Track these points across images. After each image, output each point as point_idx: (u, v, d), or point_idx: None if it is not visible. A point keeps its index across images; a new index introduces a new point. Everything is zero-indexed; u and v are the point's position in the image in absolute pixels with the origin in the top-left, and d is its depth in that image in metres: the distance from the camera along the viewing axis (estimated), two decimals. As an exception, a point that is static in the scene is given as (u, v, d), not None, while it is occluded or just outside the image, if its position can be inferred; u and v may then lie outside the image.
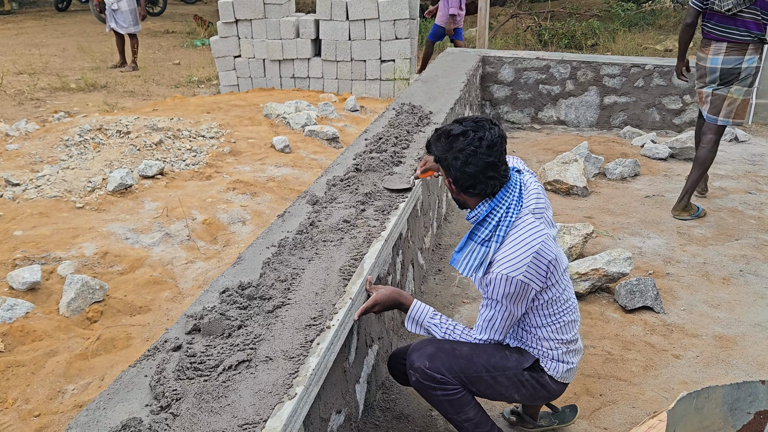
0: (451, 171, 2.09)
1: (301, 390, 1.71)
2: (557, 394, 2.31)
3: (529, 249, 2.02)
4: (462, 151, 2.03)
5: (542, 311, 2.15)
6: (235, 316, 2.04)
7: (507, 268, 2.02)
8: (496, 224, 2.08)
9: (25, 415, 2.52)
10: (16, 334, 2.95)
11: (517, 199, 2.11)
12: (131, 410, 1.65)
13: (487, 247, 2.09)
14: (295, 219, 2.81)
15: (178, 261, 3.75)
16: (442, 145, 2.10)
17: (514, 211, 2.08)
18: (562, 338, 2.20)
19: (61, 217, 4.10)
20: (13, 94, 9.22)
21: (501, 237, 2.06)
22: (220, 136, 5.99)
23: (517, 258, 2.02)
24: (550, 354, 2.21)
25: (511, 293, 2.04)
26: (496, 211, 2.09)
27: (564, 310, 2.18)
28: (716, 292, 3.62)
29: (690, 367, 2.98)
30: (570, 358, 2.25)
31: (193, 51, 13.38)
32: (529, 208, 2.12)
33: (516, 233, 2.05)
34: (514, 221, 2.07)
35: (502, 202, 2.09)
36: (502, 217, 2.08)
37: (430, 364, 2.16)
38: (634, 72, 6.92)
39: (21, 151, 5.40)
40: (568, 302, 2.20)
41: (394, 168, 3.41)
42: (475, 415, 2.23)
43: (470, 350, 2.18)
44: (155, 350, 1.90)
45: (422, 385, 2.18)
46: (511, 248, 2.03)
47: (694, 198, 4.82)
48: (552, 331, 2.18)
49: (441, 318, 2.24)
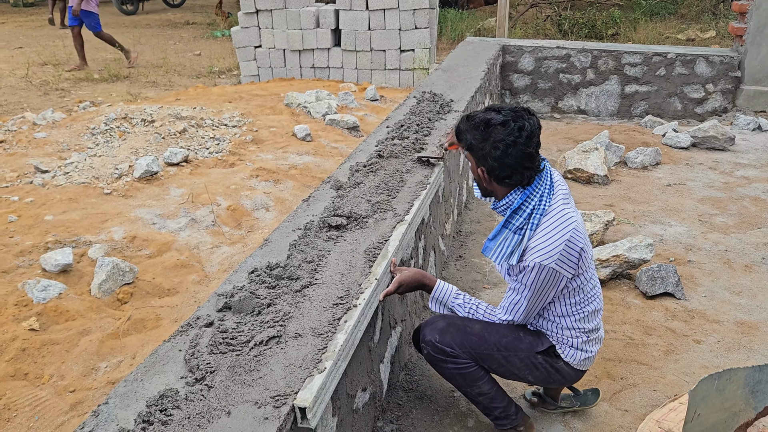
0: (487, 160, 2.08)
1: (330, 364, 1.76)
2: (573, 380, 2.34)
3: (562, 237, 2.04)
4: (502, 141, 2.02)
5: (568, 299, 2.18)
6: (265, 295, 2.10)
7: (540, 256, 2.04)
8: (530, 212, 2.09)
9: (60, 391, 2.61)
10: (51, 313, 3.04)
11: (549, 188, 2.12)
12: (167, 382, 1.71)
13: (520, 235, 2.10)
14: (320, 203, 2.86)
15: (204, 245, 3.82)
16: (480, 134, 2.07)
17: (546, 199, 2.10)
18: (584, 327, 2.23)
19: (89, 203, 4.20)
20: (39, 84, 9.38)
21: (534, 225, 2.08)
22: (242, 125, 6.06)
23: (551, 246, 2.03)
24: (569, 342, 2.24)
25: (542, 280, 2.07)
26: (530, 200, 2.10)
27: (589, 299, 2.21)
28: (738, 279, 3.62)
29: (711, 352, 2.99)
30: (589, 347, 2.28)
31: (213, 42, 13.48)
32: (560, 195, 2.14)
33: (548, 221, 2.07)
34: (547, 209, 2.09)
35: (536, 191, 2.10)
36: (536, 206, 2.09)
37: (441, 338, 2.21)
38: (656, 61, 6.87)
39: (49, 139, 5.51)
40: (593, 290, 2.23)
41: (416, 154, 3.44)
42: (489, 389, 2.28)
43: (482, 328, 2.22)
44: (188, 326, 1.97)
45: (434, 358, 2.24)
46: (545, 236, 2.05)
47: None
48: (575, 320, 2.21)
49: (464, 297, 2.29)
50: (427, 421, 2.55)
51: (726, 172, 5.32)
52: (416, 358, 2.95)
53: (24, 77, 9.72)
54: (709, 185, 5.03)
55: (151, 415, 1.57)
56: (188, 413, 1.58)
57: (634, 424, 2.53)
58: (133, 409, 1.60)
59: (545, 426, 2.53)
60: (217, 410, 1.59)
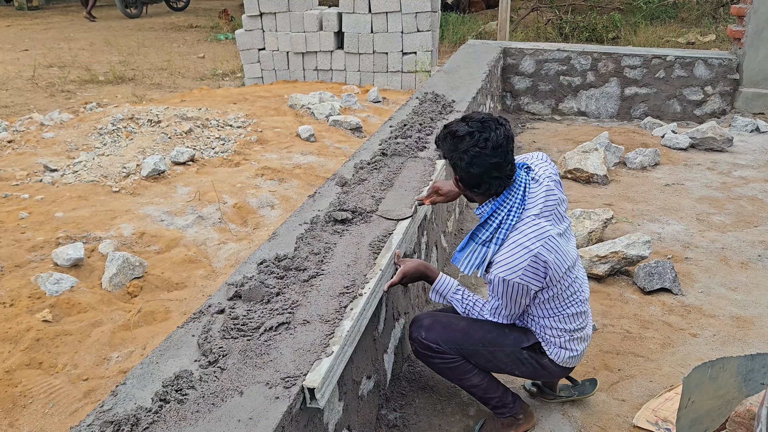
0: (456, 170, 2.14)
1: (337, 348, 1.84)
2: (559, 376, 2.41)
3: (527, 252, 2.06)
4: (467, 152, 2.06)
5: (544, 305, 2.23)
6: (273, 284, 2.18)
7: (504, 271, 2.08)
8: (497, 226, 2.13)
9: (74, 379, 2.69)
10: (63, 306, 3.13)
11: (519, 201, 2.13)
12: (182, 364, 1.79)
13: (487, 247, 2.15)
14: (325, 199, 2.94)
15: (211, 242, 3.91)
16: (448, 144, 2.13)
17: (515, 213, 2.11)
18: (565, 327, 2.27)
19: (98, 200, 4.29)
20: (45, 86, 9.48)
21: (500, 240, 2.12)
22: (246, 126, 6.15)
23: (515, 261, 2.07)
24: (553, 341, 2.29)
25: (510, 293, 2.13)
26: (498, 213, 2.13)
27: (568, 304, 2.24)
28: (734, 276, 3.69)
29: (707, 345, 3.07)
30: (574, 346, 2.32)
31: (216, 45, 13.58)
32: (533, 210, 2.14)
33: (516, 236, 2.09)
34: (515, 224, 2.11)
35: (504, 204, 2.13)
36: (503, 220, 2.12)
37: (427, 335, 2.30)
38: (656, 63, 6.96)
39: (57, 139, 5.60)
40: (573, 296, 2.25)
41: (418, 153, 3.53)
42: (480, 381, 2.35)
43: (467, 325, 2.30)
44: (200, 314, 2.05)
45: (421, 354, 2.34)
46: (510, 251, 2.08)
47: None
48: (556, 321, 2.26)
49: (464, 293, 2.36)
50: (429, 409, 2.62)
51: (724, 172, 5.40)
52: (419, 350, 3.02)
53: (30, 79, 9.83)
54: (707, 185, 5.10)
55: (168, 394, 1.65)
56: (202, 393, 1.66)
57: (631, 413, 2.61)
58: (150, 389, 1.68)
59: (544, 415, 2.60)
60: (230, 390, 1.67)
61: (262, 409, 1.59)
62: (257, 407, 1.60)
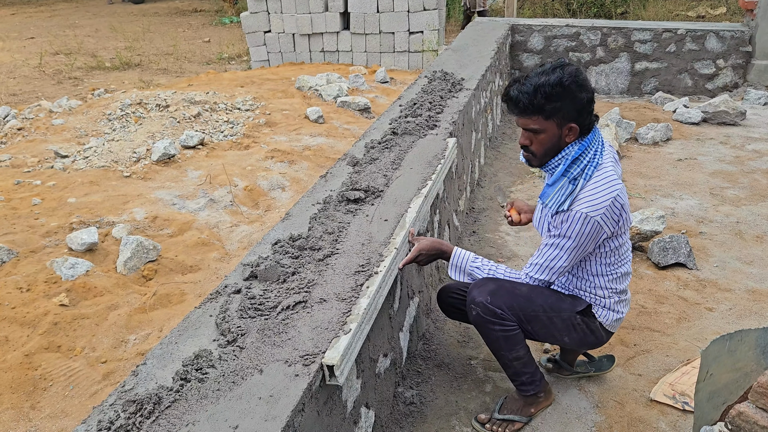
0: (570, 106, 2.09)
1: (354, 326, 1.84)
2: (603, 341, 2.40)
3: (610, 193, 2.10)
4: (574, 79, 2.06)
5: (604, 259, 2.25)
6: (289, 264, 2.18)
7: (588, 207, 2.10)
8: (586, 164, 2.15)
9: (92, 362, 2.72)
10: (79, 290, 3.15)
11: (601, 144, 2.19)
12: (201, 344, 1.79)
13: (574, 185, 2.14)
14: (337, 179, 2.93)
15: (223, 224, 3.92)
16: (550, 87, 2.07)
17: (599, 155, 2.16)
18: (615, 288, 2.30)
19: (110, 185, 4.30)
20: (52, 73, 9.48)
21: (588, 176, 2.13)
22: (255, 109, 6.13)
23: (599, 199, 2.10)
24: (602, 302, 2.31)
25: (585, 232, 2.13)
26: (588, 152, 2.15)
27: (622, 261, 2.28)
28: (749, 250, 3.67)
29: (723, 319, 3.05)
30: (620, 308, 2.35)
31: (222, 29, 13.52)
32: (610, 156, 2.21)
33: (599, 176, 2.13)
34: (600, 164, 2.16)
35: (593, 143, 2.17)
36: (591, 159, 2.15)
37: (492, 300, 2.24)
38: (666, 37, 6.86)
39: (66, 125, 5.61)
40: (627, 254, 2.30)
41: (429, 131, 3.50)
42: (524, 354, 2.33)
43: (529, 290, 2.28)
44: (217, 294, 2.05)
45: (482, 320, 2.26)
46: (594, 189, 2.11)
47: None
48: (608, 281, 2.28)
49: (482, 261, 2.34)
50: (446, 387, 2.63)
51: (737, 146, 5.34)
52: (434, 329, 3.03)
53: (37, 67, 9.83)
54: (720, 159, 5.05)
55: (188, 373, 1.65)
56: (222, 371, 1.66)
57: (648, 387, 2.60)
58: (170, 368, 1.69)
59: (561, 390, 2.60)
60: (249, 369, 1.67)
61: (282, 387, 1.60)
62: (277, 385, 1.61)
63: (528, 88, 2.10)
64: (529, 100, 2.10)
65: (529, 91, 2.09)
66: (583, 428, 2.40)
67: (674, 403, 2.50)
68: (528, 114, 2.13)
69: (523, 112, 2.14)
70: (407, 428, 2.42)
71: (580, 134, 2.15)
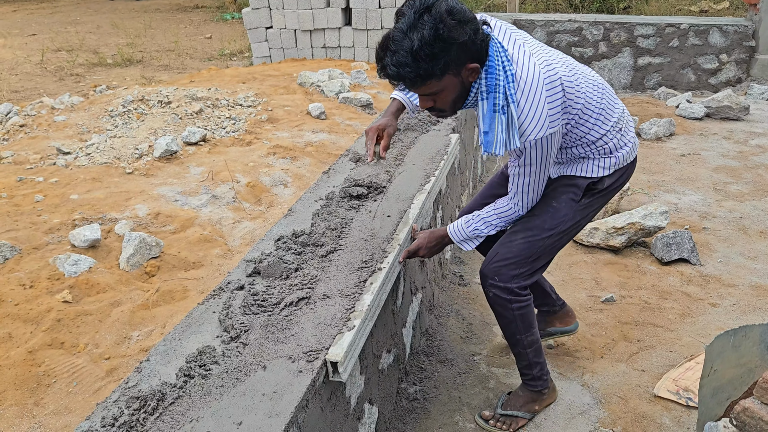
0: (459, 51, 1.78)
1: (358, 323, 1.84)
2: (624, 183, 2.24)
3: (539, 98, 1.87)
4: (450, 19, 1.73)
5: (583, 146, 2.09)
6: (292, 260, 2.18)
7: (534, 130, 1.89)
8: (504, 84, 1.88)
9: (96, 358, 2.72)
10: (82, 286, 3.15)
11: (502, 50, 1.90)
12: (204, 341, 1.79)
13: (506, 113, 1.89)
14: (340, 175, 2.93)
15: (225, 221, 3.92)
16: (429, 46, 1.73)
17: (508, 62, 1.88)
18: (608, 125, 2.08)
19: (112, 182, 4.30)
20: (54, 70, 9.47)
21: (513, 95, 1.88)
22: (257, 105, 6.12)
23: (538, 113, 1.87)
24: (605, 149, 2.11)
25: (544, 149, 1.95)
26: (498, 71, 1.87)
27: (598, 101, 2.05)
28: (753, 245, 3.66)
29: (726, 314, 3.05)
30: (624, 137, 2.14)
31: (223, 24, 13.50)
32: (515, 46, 1.94)
33: (523, 86, 1.87)
34: (514, 73, 1.88)
35: (496, 58, 1.88)
36: (505, 75, 1.88)
37: (504, 274, 2.18)
38: (669, 32, 6.84)
39: (68, 122, 5.61)
40: (605, 117, 2.07)
41: (432, 127, 3.50)
42: (537, 339, 2.30)
43: (524, 235, 2.17)
44: (220, 290, 2.05)
45: (500, 300, 2.21)
46: (527, 105, 1.88)
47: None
48: (597, 131, 2.07)
49: (472, 218, 2.25)
50: (449, 382, 2.63)
51: (740, 141, 5.33)
52: (437, 325, 3.03)
53: (39, 64, 9.83)
54: (724, 154, 5.04)
55: (192, 369, 1.65)
56: (226, 368, 1.66)
57: (652, 383, 2.60)
58: (174, 365, 1.69)
59: (564, 386, 2.60)
60: (253, 365, 1.67)
61: (285, 383, 1.60)
62: (281, 381, 1.60)
63: (404, 57, 1.75)
64: (414, 72, 1.77)
65: (408, 62, 1.75)
66: (586, 424, 2.40)
67: (678, 399, 2.49)
68: (418, 85, 1.83)
69: (412, 85, 1.84)
70: (410, 424, 2.42)
71: (481, 57, 1.86)
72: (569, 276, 3.40)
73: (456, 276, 3.45)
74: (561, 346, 2.85)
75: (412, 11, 1.75)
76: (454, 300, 3.23)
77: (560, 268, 3.48)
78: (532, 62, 1.90)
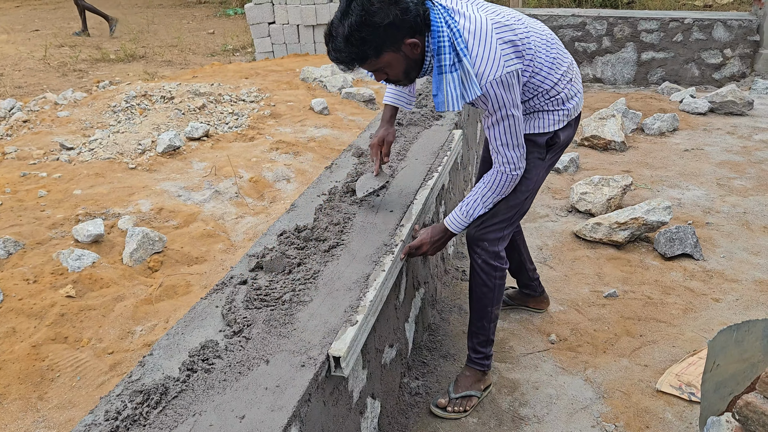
0: (390, 32, 1.84)
1: (361, 318, 1.84)
2: (577, 127, 2.38)
3: (489, 35, 1.90)
4: (371, 5, 1.80)
5: (534, 78, 2.11)
6: (294, 255, 2.18)
7: (492, 71, 1.90)
8: (450, 43, 1.90)
9: (99, 353, 2.73)
10: (86, 281, 3.16)
11: (446, 11, 1.93)
12: (207, 335, 1.80)
13: (458, 69, 1.91)
14: (342, 170, 2.92)
15: (228, 216, 3.92)
16: (357, 32, 1.81)
17: (451, 21, 1.91)
18: (559, 74, 2.15)
19: (116, 177, 4.31)
20: (57, 66, 9.48)
21: (464, 48, 1.89)
22: (260, 100, 6.12)
23: (493, 54, 1.89)
24: (558, 99, 2.18)
25: (508, 90, 1.96)
26: (442, 34, 1.90)
27: (547, 50, 2.11)
28: (757, 240, 3.65)
29: (729, 309, 3.04)
30: (573, 87, 2.22)
31: (226, 20, 13.49)
32: (456, 5, 1.98)
33: (473, 35, 1.90)
34: (460, 27, 1.90)
35: (438, 23, 1.90)
36: (451, 34, 1.90)
37: (491, 243, 2.32)
38: (673, 27, 6.81)
39: (72, 117, 5.62)
40: (548, 45, 2.13)
41: (434, 122, 3.49)
42: (498, 315, 2.47)
43: (505, 201, 2.27)
44: (223, 285, 2.06)
45: (487, 267, 2.34)
46: (480, 51, 1.89)
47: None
48: (550, 80, 2.13)
49: (464, 204, 2.28)
50: (451, 377, 2.63)
51: (744, 136, 5.31)
52: (439, 320, 3.03)
53: (42, 59, 9.83)
54: (727, 149, 5.02)
55: (195, 364, 1.66)
56: (229, 362, 1.67)
57: (654, 378, 2.60)
58: (177, 359, 1.69)
59: (567, 381, 2.60)
60: (256, 359, 1.67)
61: (288, 377, 1.60)
62: (283, 375, 1.61)
63: (340, 43, 1.84)
64: (348, 56, 1.86)
65: (342, 47, 1.84)
66: (588, 418, 2.40)
67: (681, 394, 2.49)
68: (357, 65, 1.91)
69: (352, 65, 1.91)
70: (413, 418, 2.43)
71: (421, 27, 1.88)
72: (572, 271, 3.40)
73: (459, 271, 3.45)
74: (563, 341, 2.85)
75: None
76: (457, 295, 3.23)
77: (563, 263, 3.48)
78: (479, 12, 1.96)
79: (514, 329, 2.94)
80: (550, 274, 3.36)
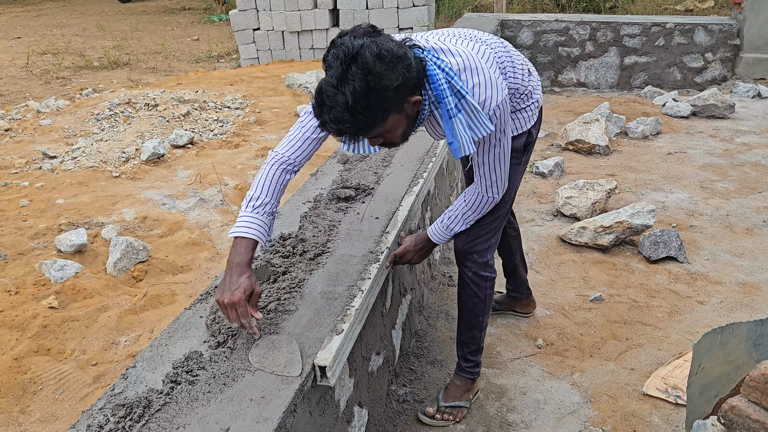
0: (396, 94, 1.67)
1: (346, 326, 1.83)
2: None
3: (478, 64, 1.87)
4: (378, 68, 1.61)
5: (508, 80, 2.11)
6: (279, 264, 2.17)
7: (493, 98, 1.87)
8: (449, 86, 1.81)
9: (83, 364, 2.70)
10: (69, 292, 3.12)
11: (435, 57, 1.83)
12: (191, 346, 1.78)
13: (461, 110, 1.83)
14: (328, 177, 2.92)
15: (213, 224, 3.90)
16: (364, 99, 1.61)
17: (443, 64, 1.82)
18: (521, 70, 2.16)
19: (99, 186, 4.27)
20: (39, 73, 9.39)
21: (462, 85, 1.82)
22: (244, 107, 6.10)
23: (490, 84, 1.87)
24: (526, 93, 2.21)
25: (504, 110, 1.93)
26: (438, 80, 1.79)
27: (506, 52, 2.12)
28: (740, 242, 3.68)
29: (714, 312, 3.06)
30: (533, 79, 2.25)
31: (210, 26, 13.44)
32: (444, 44, 1.91)
33: (466, 71, 1.85)
34: (452, 69, 1.82)
35: (435, 74, 1.79)
36: (447, 77, 1.81)
37: (478, 254, 2.31)
38: (655, 31, 6.88)
39: (54, 126, 5.56)
40: (504, 48, 2.14)
41: (419, 128, 3.49)
42: (488, 320, 2.47)
43: (489, 216, 2.27)
44: (207, 295, 2.04)
45: (478, 278, 2.33)
46: (479, 84, 1.85)
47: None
48: (517, 77, 2.13)
49: (446, 218, 2.27)
50: (439, 384, 2.63)
51: (726, 139, 5.37)
52: (426, 326, 3.02)
53: (24, 67, 9.74)
54: (710, 152, 5.07)
55: (178, 375, 1.64)
56: (213, 373, 1.65)
57: (641, 381, 2.61)
58: (160, 371, 1.67)
59: (554, 386, 2.61)
60: (240, 370, 1.66)
61: (273, 388, 1.59)
62: (269, 386, 1.60)
63: (341, 113, 1.62)
64: (354, 127, 1.65)
65: (346, 118, 1.62)
66: (576, 423, 2.40)
67: (667, 397, 2.50)
68: (363, 135, 1.72)
69: (357, 137, 1.72)
70: (401, 426, 2.42)
71: (419, 81, 1.77)
72: (558, 275, 3.41)
73: (445, 277, 3.45)
74: (550, 346, 2.85)
75: (338, 62, 1.61)
76: (444, 301, 3.23)
77: (549, 268, 3.48)
78: (456, 47, 1.91)
79: (502, 334, 2.94)
80: (536, 278, 3.36)
